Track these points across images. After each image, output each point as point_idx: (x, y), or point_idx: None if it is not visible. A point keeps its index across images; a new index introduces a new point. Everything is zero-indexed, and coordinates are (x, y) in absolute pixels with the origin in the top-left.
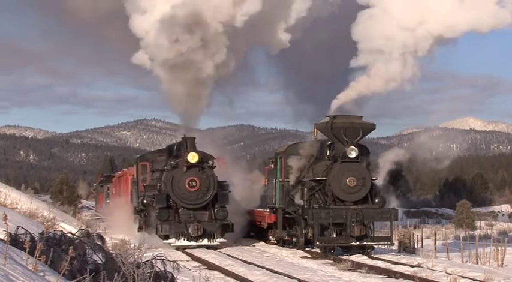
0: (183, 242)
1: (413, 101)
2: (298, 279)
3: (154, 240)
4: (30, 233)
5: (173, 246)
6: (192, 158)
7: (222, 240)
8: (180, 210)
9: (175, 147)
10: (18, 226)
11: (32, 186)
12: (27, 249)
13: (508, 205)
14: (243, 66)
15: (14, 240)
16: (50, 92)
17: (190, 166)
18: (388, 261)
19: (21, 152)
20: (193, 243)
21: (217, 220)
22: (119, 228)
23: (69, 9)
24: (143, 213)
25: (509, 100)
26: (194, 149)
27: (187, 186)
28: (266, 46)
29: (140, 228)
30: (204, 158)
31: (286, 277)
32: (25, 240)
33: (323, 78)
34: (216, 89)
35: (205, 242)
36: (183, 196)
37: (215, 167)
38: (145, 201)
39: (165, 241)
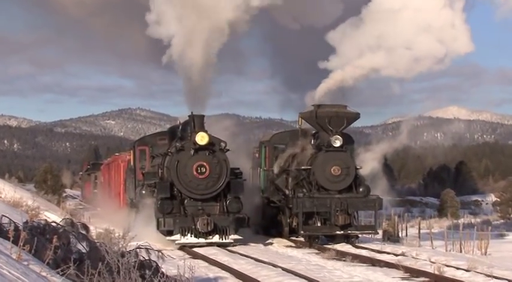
0: (189, 238)
1: (397, 90)
2: (282, 267)
3: (154, 237)
4: (14, 222)
5: (178, 244)
6: (201, 139)
7: (236, 237)
8: (185, 201)
9: (179, 128)
10: (2, 215)
11: (16, 175)
12: (11, 239)
13: (492, 194)
14: (231, 54)
15: None
16: (34, 81)
17: (199, 149)
18: (373, 250)
19: (5, 141)
20: (201, 240)
21: (229, 213)
22: (112, 223)
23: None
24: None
25: (494, 89)
26: (203, 129)
27: (194, 173)
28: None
29: None
30: (215, 139)
31: (271, 266)
32: (9, 229)
33: (312, 65)
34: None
35: (216, 239)
36: (190, 184)
37: (228, 150)
38: (143, 192)
39: (168, 238)
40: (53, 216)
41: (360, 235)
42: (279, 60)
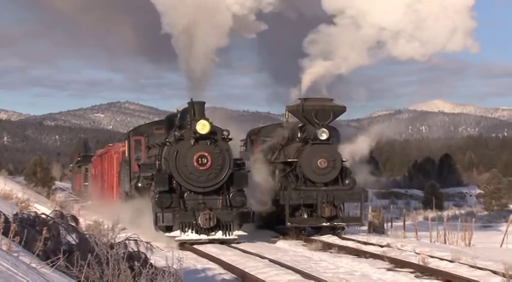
0: (190, 235)
1: (383, 84)
2: (269, 258)
3: (151, 233)
4: (4, 214)
5: (178, 240)
6: (202, 127)
7: (240, 232)
8: (185, 194)
9: (178, 116)
10: None
11: (6, 168)
12: (1, 230)
13: (476, 186)
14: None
15: None
16: (24, 75)
17: (200, 138)
18: (358, 242)
19: None
20: (203, 236)
21: (233, 207)
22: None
23: None
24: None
25: (477, 83)
26: (204, 117)
27: (195, 164)
28: None
29: None
30: (216, 128)
31: (258, 257)
32: None
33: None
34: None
35: (219, 235)
36: (190, 177)
37: (231, 139)
38: (139, 185)
39: (167, 234)
40: (42, 208)
41: (345, 227)
42: (267, 54)
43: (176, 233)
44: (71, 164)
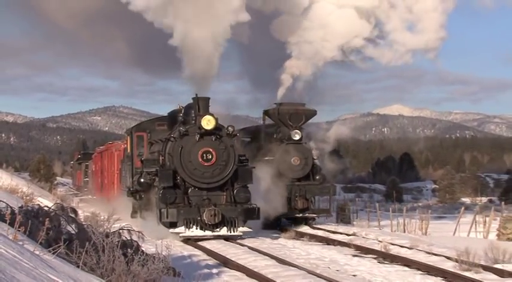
0: (195, 231)
1: (350, 90)
2: (248, 246)
3: (154, 229)
4: (10, 207)
5: (182, 236)
6: (208, 123)
7: (245, 229)
8: (189, 190)
9: (182, 112)
10: (0, 200)
11: (12, 165)
12: (8, 221)
13: (431, 181)
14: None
15: None
16: (29, 82)
17: (204, 134)
18: (327, 231)
19: (3, 135)
20: (208, 233)
21: (237, 203)
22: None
23: (46, 12)
24: (139, 195)
25: (433, 90)
26: (209, 112)
27: (200, 160)
28: None
29: (135, 213)
30: (220, 124)
31: (238, 245)
32: (6, 213)
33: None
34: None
35: (223, 231)
36: (195, 172)
37: (236, 135)
38: (142, 180)
39: (171, 230)
40: (45, 201)
41: (316, 217)
42: (247, 62)
43: (181, 229)
44: (72, 161)
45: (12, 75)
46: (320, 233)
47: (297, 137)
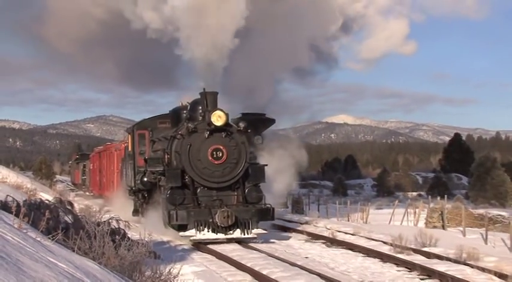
0: (207, 234)
1: (304, 102)
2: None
3: (159, 230)
4: (16, 200)
5: (193, 240)
6: (218, 118)
7: (259, 231)
8: (198, 190)
9: (188, 108)
10: (8, 195)
11: (18, 165)
12: (14, 212)
13: (371, 178)
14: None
15: (4, 206)
16: (32, 94)
17: (214, 130)
18: (285, 220)
19: (10, 140)
20: (220, 236)
21: (249, 204)
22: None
23: (47, 37)
24: (141, 194)
25: (372, 102)
26: (218, 107)
27: (209, 158)
28: None
29: (136, 212)
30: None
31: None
32: (12, 205)
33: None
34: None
35: (237, 234)
36: (204, 171)
37: (247, 131)
38: (146, 179)
39: (181, 233)
40: (46, 195)
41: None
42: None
43: (191, 232)
44: (70, 161)
45: (19, 89)
46: (278, 222)
47: (259, 142)
